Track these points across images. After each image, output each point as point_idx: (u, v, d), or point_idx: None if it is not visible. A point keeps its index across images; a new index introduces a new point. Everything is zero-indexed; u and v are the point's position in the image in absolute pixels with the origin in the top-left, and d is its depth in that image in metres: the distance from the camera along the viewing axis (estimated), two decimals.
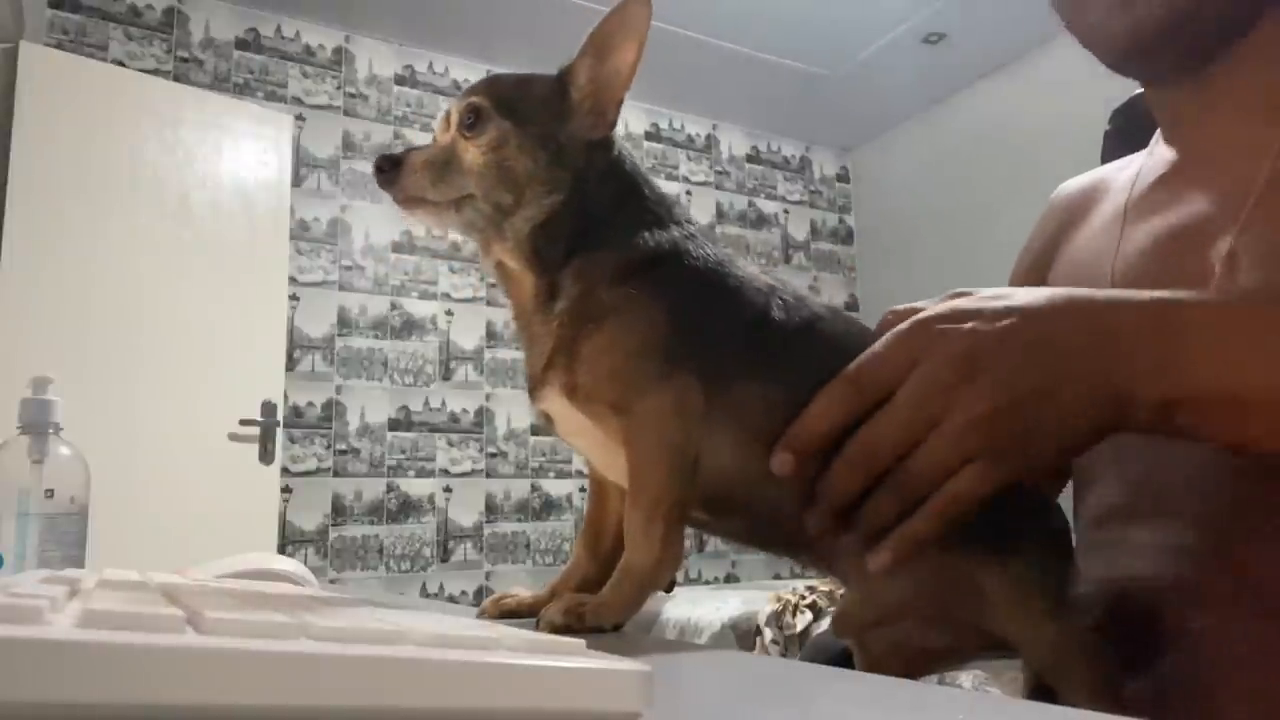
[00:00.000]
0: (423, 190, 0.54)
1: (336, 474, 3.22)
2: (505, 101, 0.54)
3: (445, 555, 3.35)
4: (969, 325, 0.46)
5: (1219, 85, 0.62)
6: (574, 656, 0.23)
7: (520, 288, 0.55)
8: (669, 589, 0.51)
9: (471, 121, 0.54)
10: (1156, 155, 0.69)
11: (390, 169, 0.54)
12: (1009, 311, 0.46)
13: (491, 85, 0.56)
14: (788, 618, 2.48)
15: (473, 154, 0.53)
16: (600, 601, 0.49)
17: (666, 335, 0.50)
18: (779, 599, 2.56)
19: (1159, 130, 0.70)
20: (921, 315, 0.48)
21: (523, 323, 0.55)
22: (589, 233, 0.53)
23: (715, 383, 0.50)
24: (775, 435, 0.49)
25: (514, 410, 3.56)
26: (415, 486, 3.34)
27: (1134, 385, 0.44)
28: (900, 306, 0.55)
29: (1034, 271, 0.75)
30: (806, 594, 2.52)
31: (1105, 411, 0.45)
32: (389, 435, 3.32)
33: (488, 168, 0.53)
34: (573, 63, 0.55)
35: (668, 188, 0.59)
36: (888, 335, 0.48)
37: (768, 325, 0.52)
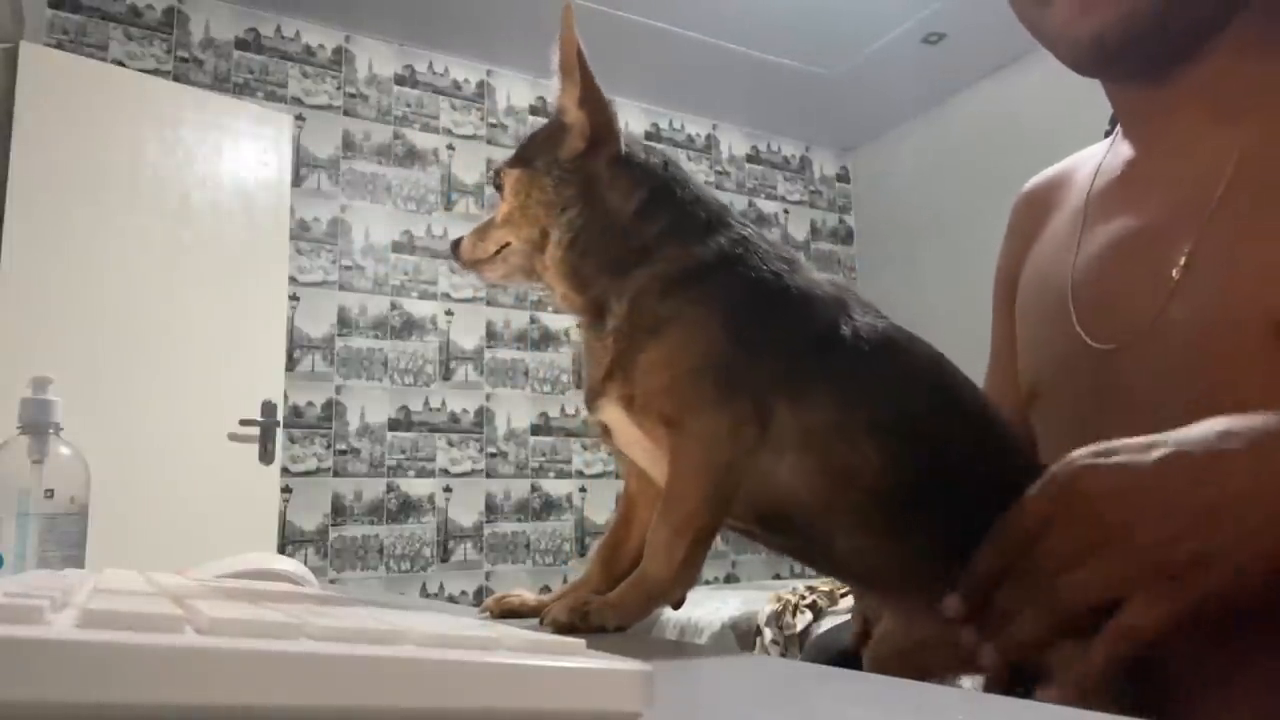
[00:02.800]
0: (471, 253, 0.61)
1: (336, 474, 3.22)
2: (517, 157, 0.60)
3: (445, 555, 3.35)
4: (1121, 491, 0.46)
5: (1179, 85, 0.61)
6: (574, 656, 0.22)
7: (580, 310, 0.57)
8: (677, 605, 0.52)
9: (499, 185, 0.60)
10: (1117, 150, 0.68)
11: (456, 248, 0.63)
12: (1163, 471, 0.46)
13: (512, 153, 0.61)
14: (788, 618, 2.48)
15: (502, 208, 0.60)
16: (607, 602, 0.49)
17: (727, 353, 0.50)
18: (779, 599, 2.56)
19: (1119, 125, 0.69)
20: (1073, 471, 0.48)
21: (587, 341, 0.57)
22: (625, 242, 0.54)
23: (780, 405, 0.50)
24: (842, 463, 0.50)
25: (514, 410, 3.56)
26: (415, 486, 3.34)
27: None
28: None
29: (1009, 268, 0.76)
30: (806, 594, 2.52)
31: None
32: (389, 435, 3.32)
33: (513, 213, 0.59)
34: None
35: None
36: (1036, 489, 0.48)
37: (836, 345, 0.52)
